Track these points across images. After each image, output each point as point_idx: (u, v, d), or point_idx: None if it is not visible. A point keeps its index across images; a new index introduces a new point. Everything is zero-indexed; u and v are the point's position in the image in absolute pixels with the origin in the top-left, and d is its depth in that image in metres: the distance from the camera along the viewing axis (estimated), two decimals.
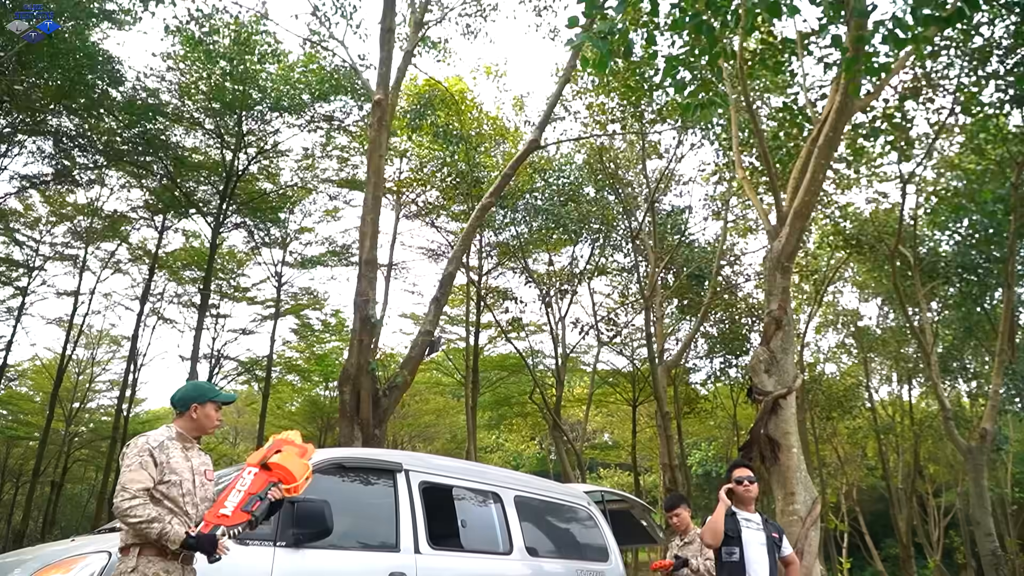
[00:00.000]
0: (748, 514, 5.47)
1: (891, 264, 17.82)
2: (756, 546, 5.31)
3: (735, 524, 5.37)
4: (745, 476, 5.54)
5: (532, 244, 22.19)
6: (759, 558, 5.27)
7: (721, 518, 5.33)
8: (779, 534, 5.53)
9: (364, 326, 10.80)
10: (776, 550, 5.40)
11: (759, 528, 5.41)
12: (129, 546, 3.66)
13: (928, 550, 34.32)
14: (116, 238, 22.78)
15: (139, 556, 3.63)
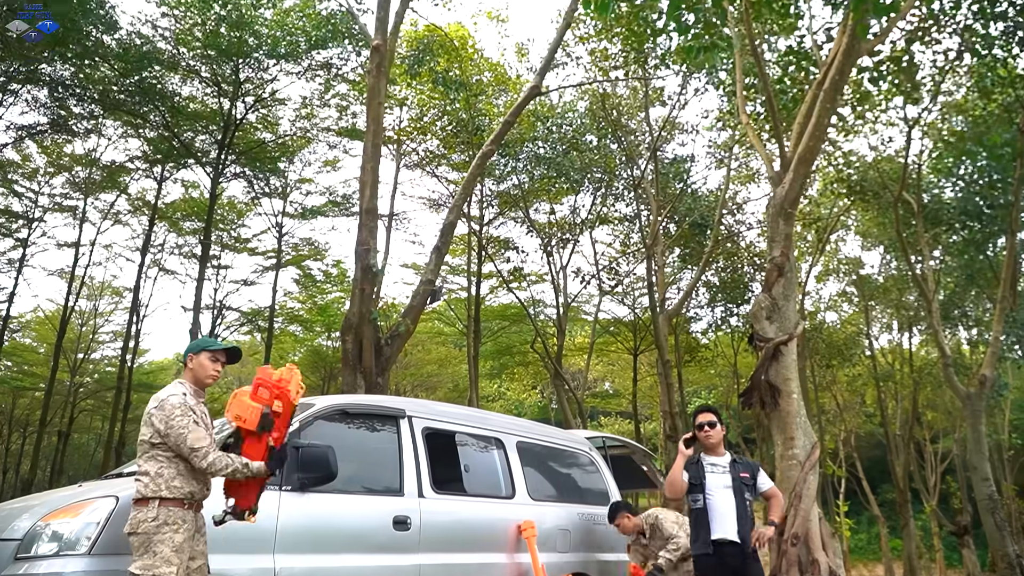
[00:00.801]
0: (715, 458, 5.41)
1: (894, 211, 17.72)
2: (720, 490, 5.26)
3: (699, 471, 5.34)
4: (705, 421, 5.45)
5: (533, 193, 22.05)
6: (722, 502, 5.22)
7: (679, 470, 5.30)
8: (751, 472, 5.41)
9: (365, 275, 10.78)
10: (746, 490, 5.30)
11: (724, 471, 5.32)
12: (148, 498, 3.75)
13: (924, 495, 34.84)
14: (115, 189, 22.67)
15: (159, 507, 3.74)
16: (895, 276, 27.25)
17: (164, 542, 3.68)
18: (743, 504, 5.22)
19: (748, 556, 5.12)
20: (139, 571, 3.59)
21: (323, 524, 4.88)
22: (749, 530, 5.16)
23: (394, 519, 5.26)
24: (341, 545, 4.96)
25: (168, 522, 3.73)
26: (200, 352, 4.21)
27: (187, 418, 3.92)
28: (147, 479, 3.82)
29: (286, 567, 4.55)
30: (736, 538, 5.13)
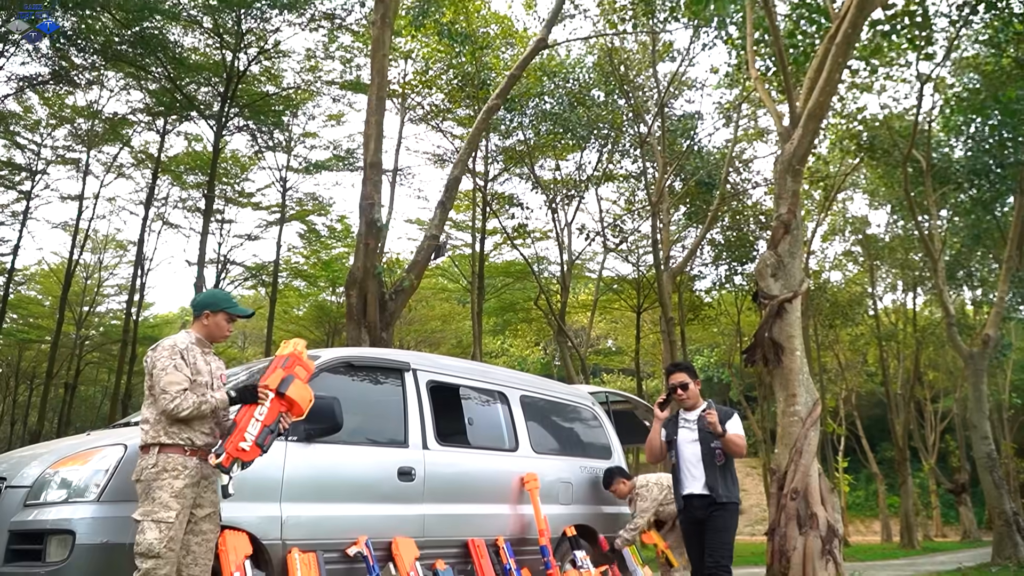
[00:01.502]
0: (689, 413, 5.39)
1: (903, 170, 17.57)
2: (687, 444, 5.25)
3: (674, 428, 5.36)
4: (677, 383, 5.42)
5: (539, 149, 21.88)
6: (689, 455, 5.22)
7: (656, 435, 5.33)
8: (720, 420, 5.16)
9: (370, 230, 10.74)
10: (712, 438, 5.17)
11: (693, 424, 5.29)
12: (150, 445, 3.77)
13: (923, 454, 35.16)
14: (117, 141, 22.53)
15: (159, 454, 3.76)
16: (901, 236, 27.15)
17: (163, 488, 3.70)
18: (709, 453, 5.15)
19: (715, 506, 5.07)
20: (140, 517, 3.64)
21: (329, 474, 4.94)
22: (720, 481, 5.09)
23: (399, 470, 5.32)
24: (346, 495, 5.03)
25: (167, 468, 3.74)
26: (219, 312, 4.20)
27: (171, 361, 3.89)
28: (147, 426, 3.84)
29: (292, 515, 4.62)
30: (704, 490, 5.10)
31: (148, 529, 3.59)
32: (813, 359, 26.25)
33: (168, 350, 3.94)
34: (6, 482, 4.20)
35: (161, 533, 3.61)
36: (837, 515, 7.85)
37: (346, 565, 4.83)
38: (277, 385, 4.05)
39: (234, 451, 3.85)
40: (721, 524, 5.05)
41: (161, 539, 3.60)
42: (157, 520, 3.62)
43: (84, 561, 3.82)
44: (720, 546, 5.04)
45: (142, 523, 3.61)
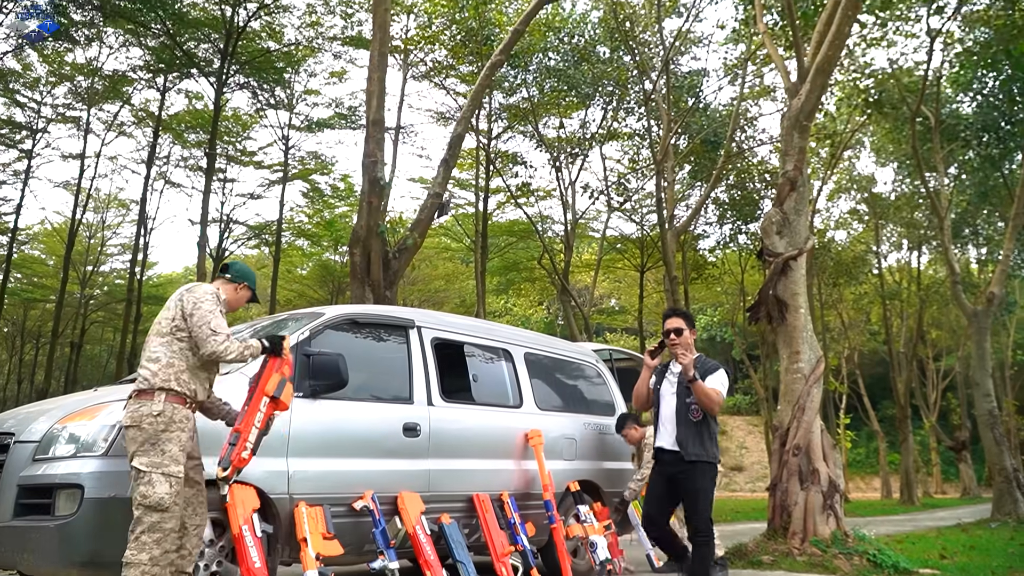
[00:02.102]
0: (677, 364, 5.11)
1: (911, 125, 17.38)
2: (667, 398, 5.05)
3: (661, 378, 5.17)
4: (672, 328, 5.10)
5: (543, 107, 21.65)
6: (667, 408, 5.03)
7: (644, 381, 5.16)
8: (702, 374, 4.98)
9: (373, 188, 10.69)
10: (689, 393, 4.95)
11: (675, 378, 5.08)
12: (157, 389, 3.74)
13: (924, 411, 35.33)
14: (118, 99, 22.36)
15: (166, 401, 3.73)
16: (907, 194, 26.97)
17: (172, 441, 3.69)
18: (684, 409, 4.91)
19: (686, 463, 4.82)
20: (146, 468, 3.60)
21: (334, 430, 4.98)
22: (693, 438, 4.84)
23: (404, 426, 5.36)
24: (352, 450, 5.07)
25: (175, 420, 3.73)
26: (248, 289, 4.32)
27: (216, 306, 3.95)
28: (157, 367, 3.79)
29: (299, 470, 4.66)
30: (674, 446, 4.88)
31: (158, 482, 3.59)
32: (816, 318, 26.26)
33: (212, 296, 3.97)
34: (14, 437, 4.23)
35: (171, 488, 3.62)
36: (839, 471, 7.91)
37: (352, 519, 4.88)
38: (274, 390, 4.08)
39: (239, 462, 3.94)
40: (695, 485, 4.81)
41: (171, 493, 3.62)
42: (167, 474, 3.62)
43: (93, 515, 3.86)
44: (697, 512, 4.83)
45: (150, 474, 3.59)
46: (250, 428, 3.97)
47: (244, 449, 3.93)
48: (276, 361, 4.15)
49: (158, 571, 3.52)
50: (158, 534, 3.54)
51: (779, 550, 7.41)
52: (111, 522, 3.84)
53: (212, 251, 24.13)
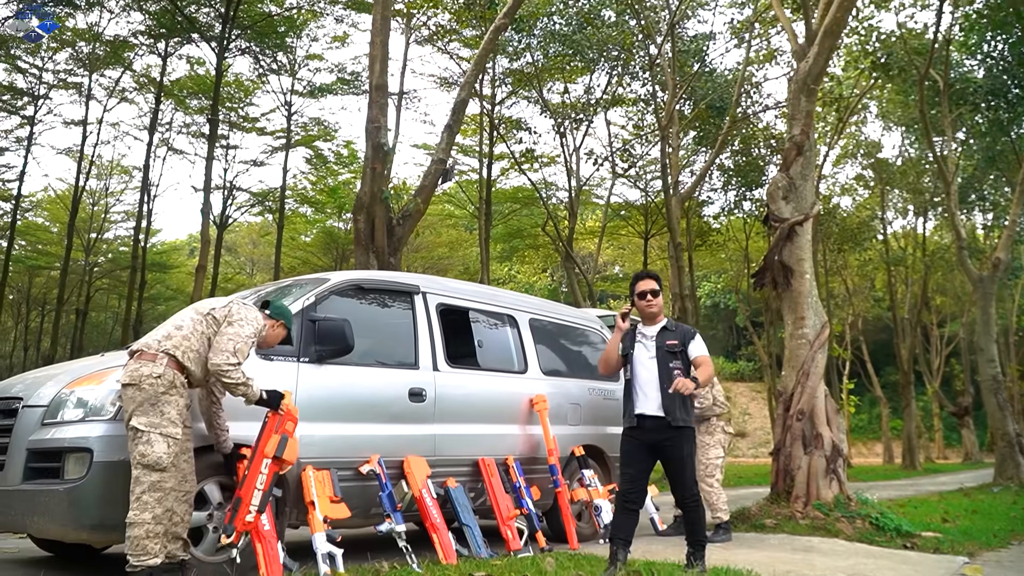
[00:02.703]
0: (649, 328, 4.99)
1: (919, 89, 17.18)
2: (644, 361, 4.85)
3: (632, 342, 4.96)
4: (648, 289, 5.00)
5: (547, 72, 21.43)
6: (645, 372, 4.82)
7: (614, 344, 5.01)
8: (681, 339, 4.90)
9: (376, 154, 10.62)
10: (672, 358, 4.81)
11: (651, 341, 4.90)
12: (158, 352, 3.78)
13: (927, 377, 35.44)
14: (119, 65, 22.18)
15: (167, 366, 3.77)
16: (913, 159, 26.78)
17: (171, 404, 3.73)
18: (667, 373, 4.74)
19: (673, 430, 4.70)
20: (145, 427, 3.64)
21: (340, 395, 5.00)
22: (676, 403, 4.71)
23: (409, 391, 5.38)
24: (358, 415, 5.09)
25: (176, 385, 3.78)
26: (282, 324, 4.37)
27: (254, 337, 4.04)
28: (173, 330, 3.88)
29: (306, 434, 4.68)
30: (659, 412, 4.72)
31: (156, 442, 3.63)
32: (821, 284, 26.19)
33: (257, 327, 4.08)
34: (23, 401, 4.26)
35: (169, 448, 3.66)
36: (842, 435, 7.94)
37: (359, 482, 4.93)
38: (274, 451, 4.12)
39: (242, 526, 3.99)
40: (682, 452, 4.72)
41: (169, 453, 3.66)
42: (165, 434, 3.66)
43: (102, 478, 3.90)
44: (687, 479, 4.75)
45: (148, 434, 3.63)
46: (251, 492, 4.04)
47: (248, 513, 4.00)
48: (275, 419, 4.19)
49: (161, 529, 3.56)
50: (159, 493, 3.58)
51: (782, 513, 7.46)
52: (120, 485, 3.87)
53: (216, 218, 24.11)
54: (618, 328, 4.99)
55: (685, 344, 4.88)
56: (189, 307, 4.13)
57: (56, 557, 5.17)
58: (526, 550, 5.52)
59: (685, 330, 4.99)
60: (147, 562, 3.48)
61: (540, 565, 4.65)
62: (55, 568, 4.70)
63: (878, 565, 5.37)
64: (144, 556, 3.49)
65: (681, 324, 5.11)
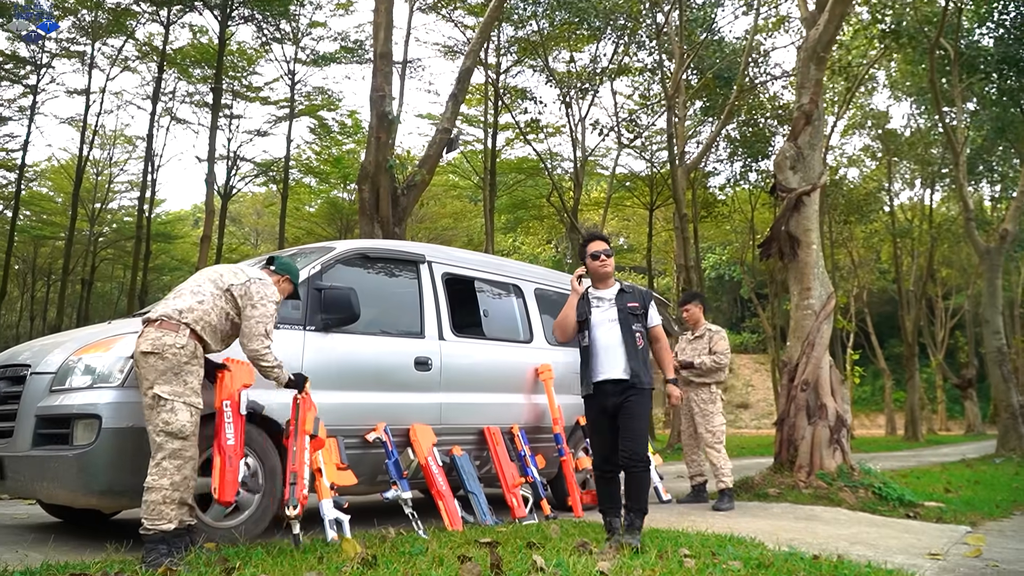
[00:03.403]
0: (602, 291, 4.79)
1: (930, 58, 16.97)
2: (605, 325, 4.65)
3: (586, 306, 4.74)
4: (601, 250, 4.78)
5: (553, 40, 21.21)
6: (607, 337, 4.62)
7: (572, 311, 4.76)
8: (641, 302, 4.73)
9: (381, 123, 10.57)
10: (635, 321, 4.64)
11: (610, 304, 4.69)
12: (179, 323, 3.79)
13: (932, 349, 35.46)
14: (121, 33, 21.99)
15: (190, 337, 3.79)
16: (922, 130, 26.55)
17: (193, 374, 3.77)
18: (631, 337, 4.59)
19: (635, 390, 4.51)
20: (169, 396, 3.65)
21: (346, 363, 5.01)
22: (642, 366, 4.55)
23: (415, 360, 5.39)
24: (364, 383, 5.11)
25: (197, 355, 3.82)
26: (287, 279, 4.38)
27: (276, 312, 4.14)
28: (195, 303, 3.88)
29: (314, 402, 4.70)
30: (624, 375, 4.53)
31: (180, 410, 3.65)
32: (826, 256, 26.10)
33: (275, 300, 4.13)
34: (31, 369, 4.27)
35: (192, 417, 3.70)
36: (846, 406, 7.96)
37: (366, 450, 4.96)
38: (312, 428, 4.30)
39: (304, 499, 4.12)
40: (637, 410, 4.51)
41: (192, 422, 3.69)
42: (189, 403, 3.69)
43: (110, 444, 3.92)
44: (636, 434, 4.50)
45: (172, 402, 3.65)
46: (303, 466, 4.17)
47: (304, 487, 4.14)
48: (306, 400, 4.32)
49: (178, 496, 3.59)
50: (179, 460, 3.61)
51: (785, 483, 7.50)
52: (128, 451, 3.90)
53: (220, 188, 24.04)
54: (574, 292, 4.79)
55: (645, 307, 4.74)
56: (204, 276, 4.10)
57: (65, 523, 5.22)
58: (531, 518, 5.57)
59: (643, 292, 4.84)
60: (161, 527, 3.52)
61: (545, 532, 4.68)
62: (65, 534, 4.74)
63: (881, 534, 5.40)
64: (159, 521, 3.52)
65: (636, 286, 4.92)
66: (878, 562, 4.05)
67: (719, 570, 3.52)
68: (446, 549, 3.96)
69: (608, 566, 3.48)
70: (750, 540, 4.58)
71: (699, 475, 7.29)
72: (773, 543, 4.49)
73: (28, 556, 3.81)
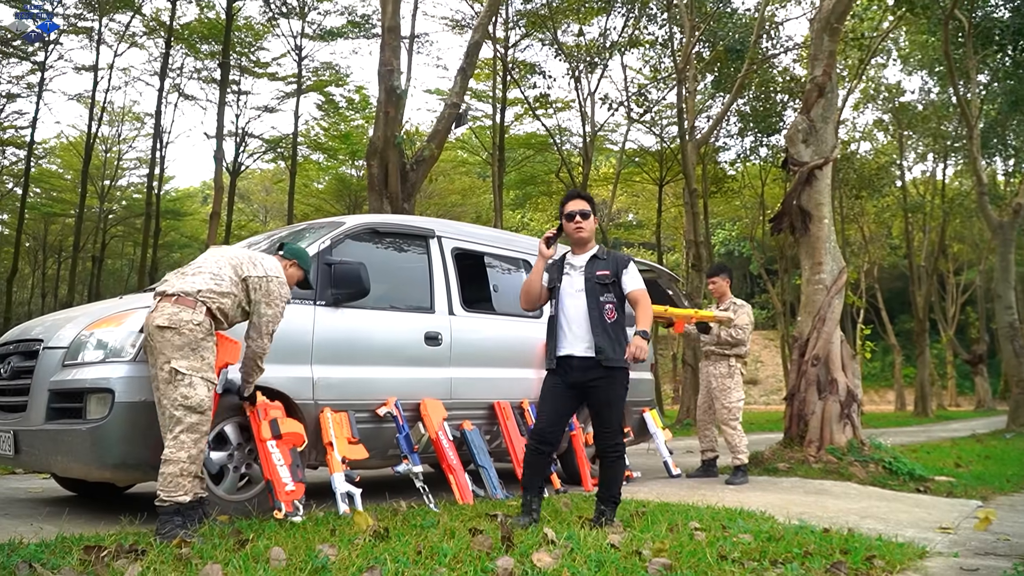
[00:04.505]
0: (578, 257, 4.40)
1: (944, 29, 16.74)
2: (571, 294, 4.27)
3: (559, 272, 4.36)
4: (577, 210, 4.33)
5: (562, 13, 21.00)
6: (572, 306, 4.24)
7: (537, 276, 4.37)
8: (614, 269, 4.30)
9: (389, 97, 10.50)
10: (603, 291, 4.25)
11: (579, 272, 4.31)
12: (199, 302, 3.80)
13: (943, 325, 35.34)
14: (128, 9, 21.89)
15: (206, 315, 3.81)
16: (935, 103, 26.26)
17: (208, 351, 3.78)
18: (597, 309, 4.20)
19: (603, 369, 4.15)
20: (187, 371, 3.66)
21: (357, 338, 5.02)
22: (611, 341, 4.17)
23: (425, 335, 5.39)
24: (375, 358, 5.12)
25: (211, 333, 3.83)
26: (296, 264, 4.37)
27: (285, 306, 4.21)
28: (213, 284, 3.87)
29: (323, 377, 4.72)
30: (589, 352, 4.16)
31: (199, 385, 3.67)
32: (837, 232, 25.89)
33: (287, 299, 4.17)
34: (43, 343, 4.30)
35: (209, 391, 3.72)
36: (857, 381, 7.93)
37: (377, 424, 4.98)
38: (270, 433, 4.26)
39: (286, 498, 4.13)
40: (612, 395, 4.20)
41: (209, 397, 3.72)
42: (206, 379, 3.71)
43: (123, 418, 3.95)
44: (614, 423, 4.24)
45: (191, 377, 3.66)
46: (275, 470, 4.18)
47: (284, 486, 4.15)
48: (254, 413, 4.31)
49: (195, 469, 3.63)
50: (196, 434, 3.63)
51: (795, 458, 7.50)
52: (141, 425, 3.93)
53: (228, 165, 24.02)
54: (541, 255, 4.35)
55: (618, 275, 4.29)
56: (225, 259, 4.04)
57: (79, 496, 5.27)
58: None
59: (618, 258, 4.40)
60: (177, 498, 3.56)
61: (555, 506, 4.70)
62: (79, 507, 4.79)
63: (891, 508, 5.40)
64: (176, 492, 3.56)
65: (614, 252, 4.52)
66: (889, 535, 4.05)
67: (730, 543, 3.52)
68: (457, 522, 3.98)
69: (619, 539, 3.49)
70: (760, 514, 4.59)
71: (711, 450, 7.27)
72: (783, 517, 4.50)
73: (43, 529, 3.85)
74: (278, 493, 4.13)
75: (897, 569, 3.35)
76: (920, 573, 3.37)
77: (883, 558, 3.41)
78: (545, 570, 2.90)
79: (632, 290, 4.31)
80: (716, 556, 3.23)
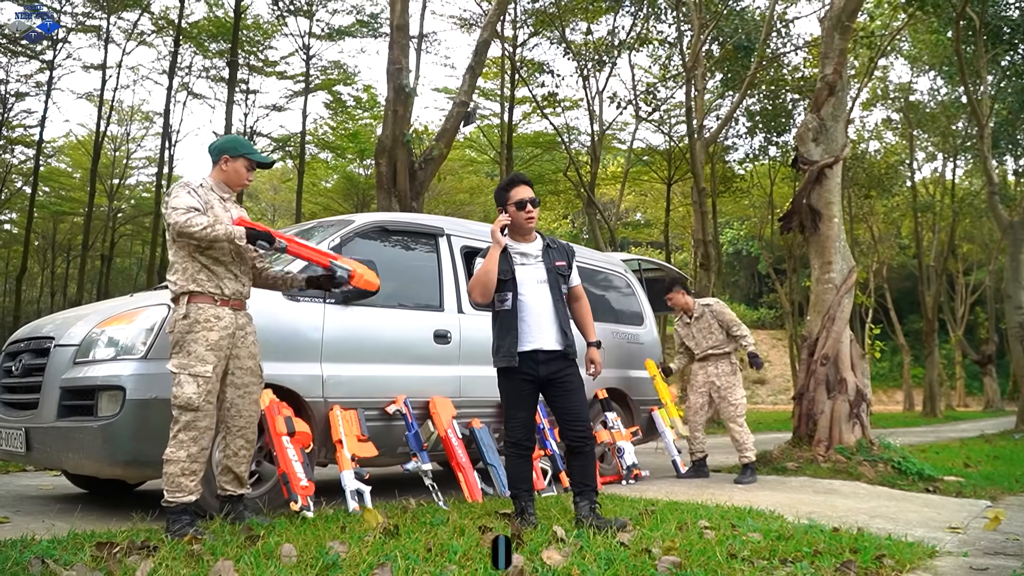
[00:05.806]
0: (525, 245, 4.17)
1: (955, 27, 16.65)
2: (533, 285, 4.07)
3: (508, 263, 4.09)
4: (529, 199, 4.12)
5: (570, 11, 20.98)
6: (536, 298, 4.06)
7: (493, 265, 4.02)
8: (567, 259, 4.22)
9: (398, 96, 10.52)
10: (563, 282, 4.17)
11: (537, 261, 4.13)
12: (179, 295, 3.74)
13: (952, 325, 35.19)
14: (137, 7, 21.97)
15: (189, 304, 3.71)
16: (945, 102, 26.14)
17: (198, 341, 3.66)
18: (560, 301, 4.10)
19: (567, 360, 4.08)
20: (176, 369, 3.64)
21: (366, 336, 5.03)
22: (570, 332, 4.10)
23: (434, 333, 5.40)
24: (384, 356, 5.12)
25: (199, 320, 3.69)
26: (238, 158, 3.99)
27: (183, 189, 3.78)
28: (175, 276, 3.76)
29: (333, 375, 4.74)
30: (557, 345, 4.04)
31: (186, 383, 3.61)
32: (846, 232, 25.87)
33: (181, 186, 3.81)
34: (54, 341, 4.32)
35: (199, 387, 3.62)
36: (866, 380, 7.91)
37: (386, 422, 4.99)
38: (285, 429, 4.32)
39: (302, 492, 4.15)
40: (576, 383, 4.08)
41: (199, 393, 3.62)
42: (194, 374, 3.62)
43: (135, 415, 3.96)
44: (582, 410, 4.10)
45: (178, 376, 3.63)
46: (291, 465, 4.20)
47: (299, 480, 4.17)
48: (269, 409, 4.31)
49: (196, 467, 3.61)
50: (194, 432, 3.61)
51: (804, 457, 7.49)
52: (152, 422, 3.94)
53: None
54: (496, 244, 4.05)
55: (570, 265, 4.23)
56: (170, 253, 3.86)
57: (91, 493, 5.30)
58: (550, 490, 5.60)
59: (566, 247, 4.31)
60: (182, 498, 3.55)
61: (564, 504, 4.70)
62: (90, 504, 4.82)
63: (900, 507, 5.38)
64: (179, 492, 3.55)
65: (556, 239, 4.37)
66: (898, 535, 4.04)
67: (739, 541, 3.52)
68: (467, 520, 3.98)
69: (628, 537, 3.49)
70: (770, 512, 4.58)
71: (700, 451, 7.20)
72: (793, 516, 4.49)
73: (55, 526, 3.86)
74: (294, 485, 4.14)
75: (907, 568, 3.35)
76: (930, 572, 3.36)
77: (893, 557, 3.41)
78: (555, 568, 2.91)
79: (576, 285, 4.29)
80: (726, 554, 3.23)
